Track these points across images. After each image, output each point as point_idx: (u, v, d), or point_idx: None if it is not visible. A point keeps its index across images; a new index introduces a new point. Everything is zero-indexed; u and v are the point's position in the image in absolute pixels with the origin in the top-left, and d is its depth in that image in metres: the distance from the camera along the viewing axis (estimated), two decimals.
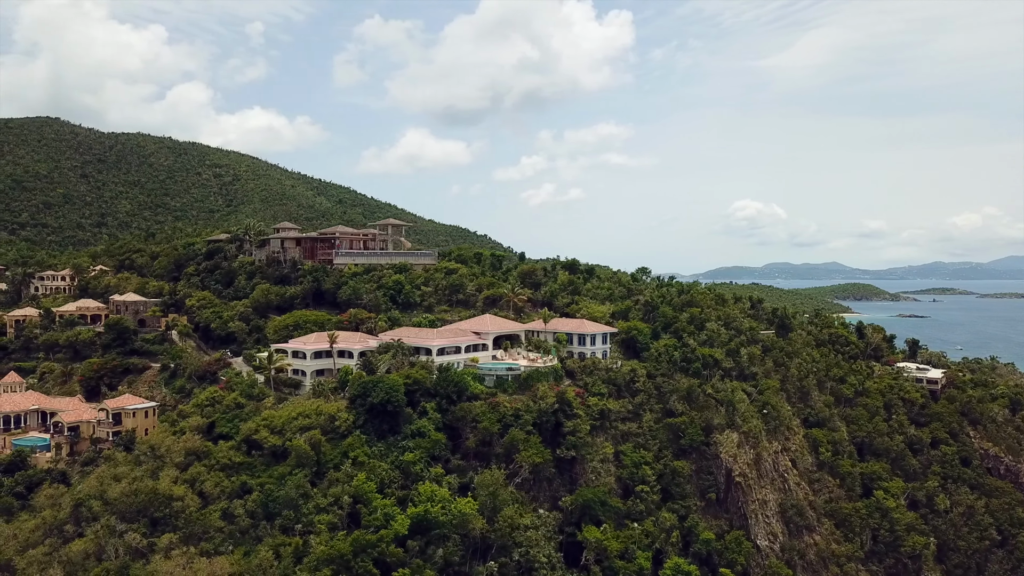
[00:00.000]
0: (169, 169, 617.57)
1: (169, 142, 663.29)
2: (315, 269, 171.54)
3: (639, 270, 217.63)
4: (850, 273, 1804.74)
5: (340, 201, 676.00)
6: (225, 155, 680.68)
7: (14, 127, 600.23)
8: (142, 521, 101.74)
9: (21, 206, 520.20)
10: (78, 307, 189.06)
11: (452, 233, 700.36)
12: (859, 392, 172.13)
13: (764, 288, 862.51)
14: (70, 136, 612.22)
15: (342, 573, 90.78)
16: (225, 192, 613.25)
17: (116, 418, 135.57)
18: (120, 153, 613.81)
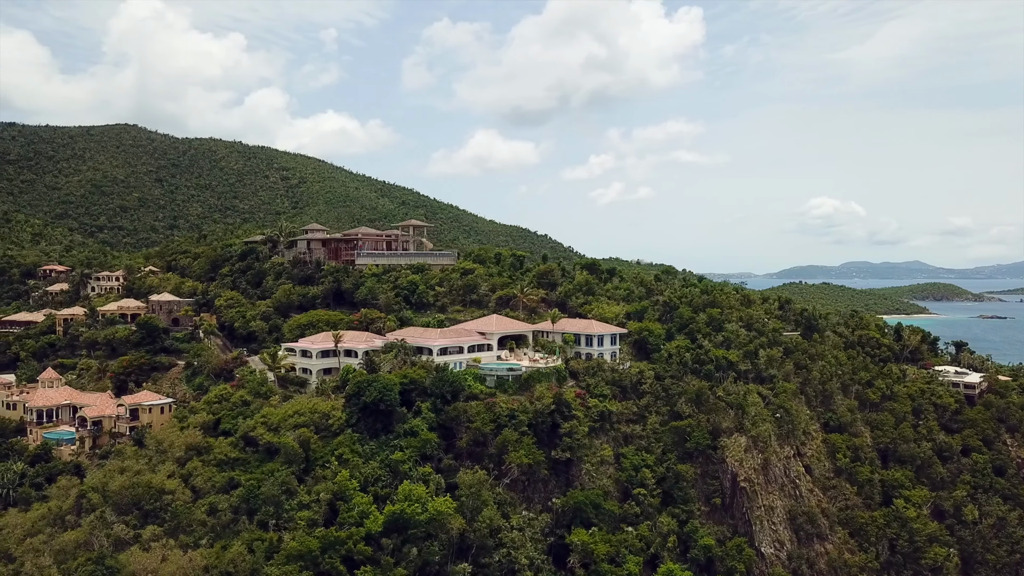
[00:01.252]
0: (239, 173, 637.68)
1: (239, 146, 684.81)
2: (336, 270, 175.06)
3: (663, 270, 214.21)
4: (933, 272, 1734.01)
5: (403, 203, 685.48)
6: (292, 158, 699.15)
7: (95, 134, 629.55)
8: (134, 513, 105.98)
9: (100, 210, 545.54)
10: (119, 307, 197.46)
11: (512, 233, 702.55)
12: (886, 396, 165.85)
13: (835, 288, 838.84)
14: (147, 142, 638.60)
15: (309, 569, 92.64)
16: (291, 194, 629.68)
17: (133, 413, 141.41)
18: (193, 158, 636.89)
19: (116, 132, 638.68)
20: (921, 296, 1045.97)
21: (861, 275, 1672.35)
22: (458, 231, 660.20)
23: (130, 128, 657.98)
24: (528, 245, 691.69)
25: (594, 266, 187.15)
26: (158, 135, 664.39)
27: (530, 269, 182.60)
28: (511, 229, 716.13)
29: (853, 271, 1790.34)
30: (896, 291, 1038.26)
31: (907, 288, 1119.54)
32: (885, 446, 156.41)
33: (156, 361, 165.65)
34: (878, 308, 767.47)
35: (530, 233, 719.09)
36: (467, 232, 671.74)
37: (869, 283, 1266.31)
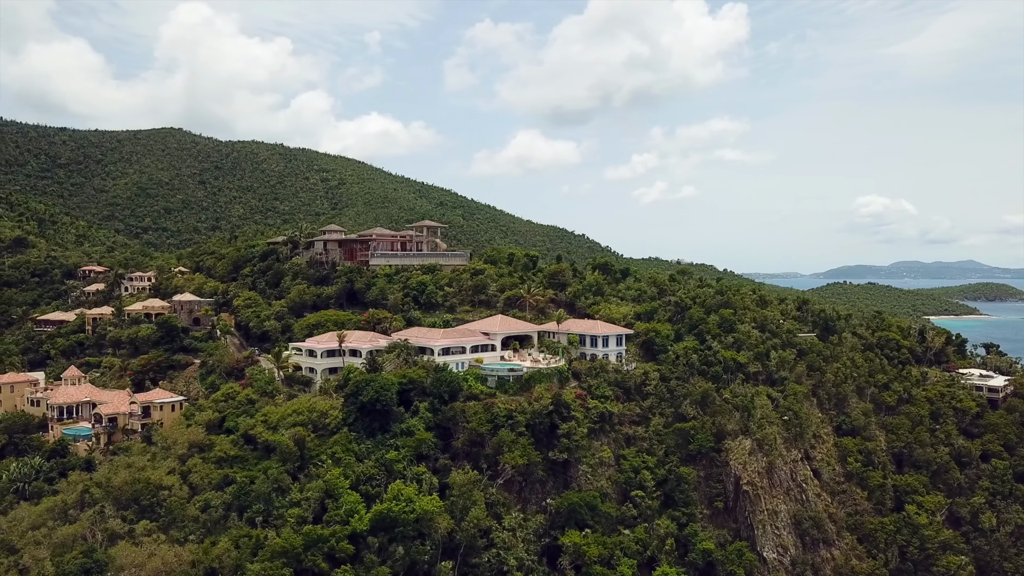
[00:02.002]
0: (280, 175, 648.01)
1: (281, 149, 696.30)
2: (350, 270, 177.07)
3: (679, 271, 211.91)
4: (988, 272, 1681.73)
5: (441, 203, 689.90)
6: (332, 160, 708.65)
7: (142, 138, 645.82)
8: (133, 508, 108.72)
9: (144, 211, 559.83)
10: (144, 306, 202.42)
11: (549, 234, 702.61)
12: (903, 400, 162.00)
13: (881, 288, 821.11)
14: (191, 145, 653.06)
15: (291, 566, 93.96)
16: (331, 196, 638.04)
17: (146, 411, 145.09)
18: (235, 160, 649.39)
19: (162, 136, 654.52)
20: (973, 296, 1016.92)
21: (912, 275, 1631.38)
22: (495, 231, 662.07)
23: (175, 132, 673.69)
24: (565, 245, 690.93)
25: (607, 266, 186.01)
26: (202, 138, 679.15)
27: (542, 269, 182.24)
28: (548, 229, 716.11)
29: (903, 271, 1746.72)
30: (947, 291, 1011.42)
31: (958, 288, 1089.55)
32: (900, 450, 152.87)
33: (173, 360, 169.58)
34: (925, 308, 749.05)
35: (567, 233, 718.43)
36: (504, 232, 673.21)
37: (919, 283, 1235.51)
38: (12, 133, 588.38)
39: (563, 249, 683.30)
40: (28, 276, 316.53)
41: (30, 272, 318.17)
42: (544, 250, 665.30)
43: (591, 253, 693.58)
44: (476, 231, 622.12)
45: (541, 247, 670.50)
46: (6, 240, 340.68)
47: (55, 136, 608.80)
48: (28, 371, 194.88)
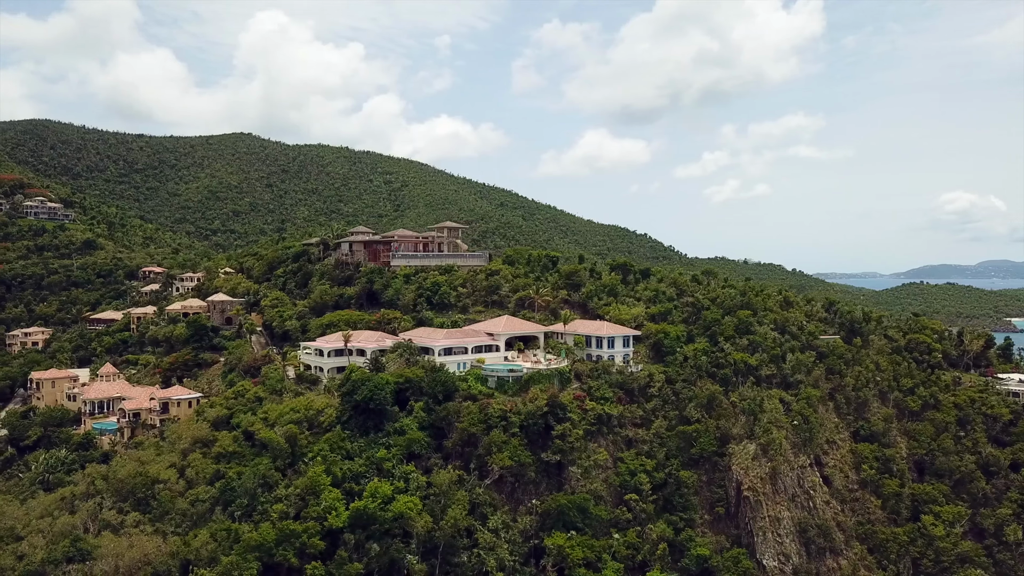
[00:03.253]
0: (344, 177, 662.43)
1: (346, 152, 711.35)
2: (371, 271, 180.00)
3: (703, 271, 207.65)
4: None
5: (501, 204, 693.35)
6: (396, 162, 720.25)
7: (213, 143, 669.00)
8: (130, 500, 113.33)
9: (214, 214, 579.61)
10: (183, 306, 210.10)
11: (610, 233, 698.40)
12: (928, 405, 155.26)
13: (961, 288, 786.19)
14: (259, 149, 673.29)
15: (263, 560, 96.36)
16: (393, 198, 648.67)
17: (164, 407, 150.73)
18: (301, 164, 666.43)
19: (232, 141, 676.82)
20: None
21: (1000, 275, 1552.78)
22: (554, 231, 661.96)
23: (244, 137, 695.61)
24: (627, 245, 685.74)
25: (626, 267, 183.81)
26: (270, 143, 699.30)
27: (560, 270, 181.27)
28: (609, 229, 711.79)
29: (991, 270, 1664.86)
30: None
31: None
32: (921, 458, 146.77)
33: (200, 358, 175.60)
34: (1009, 310, 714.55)
35: (629, 233, 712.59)
36: (564, 232, 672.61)
37: (1008, 283, 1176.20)
38: (93, 141, 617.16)
39: (624, 249, 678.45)
40: (94, 277, 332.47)
41: (96, 273, 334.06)
42: (604, 250, 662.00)
43: (653, 253, 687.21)
44: (535, 232, 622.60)
45: (601, 247, 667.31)
46: (77, 242, 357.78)
47: (133, 143, 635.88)
48: (77, 367, 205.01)
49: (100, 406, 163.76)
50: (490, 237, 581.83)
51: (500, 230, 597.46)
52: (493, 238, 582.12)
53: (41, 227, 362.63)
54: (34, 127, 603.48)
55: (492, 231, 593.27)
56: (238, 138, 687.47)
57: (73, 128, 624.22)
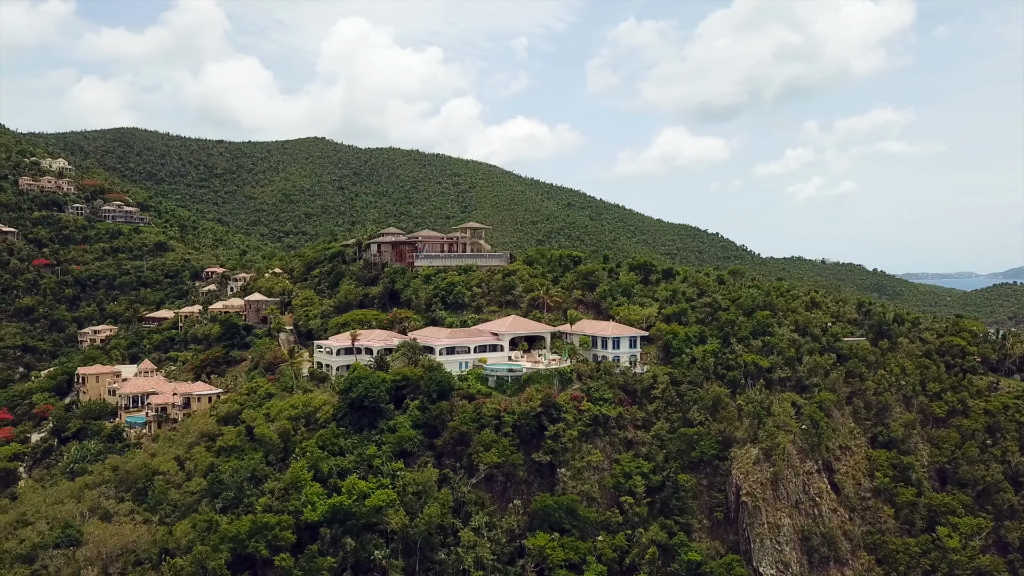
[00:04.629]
0: (414, 179, 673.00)
1: (416, 155, 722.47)
2: (394, 271, 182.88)
3: (729, 271, 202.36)
4: None
5: (568, 204, 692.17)
6: (464, 164, 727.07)
7: (288, 148, 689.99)
8: (132, 491, 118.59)
9: (287, 216, 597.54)
10: (224, 305, 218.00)
11: (680, 232, 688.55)
12: (955, 411, 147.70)
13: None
14: (332, 153, 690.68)
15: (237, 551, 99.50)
16: (461, 199, 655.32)
17: (186, 402, 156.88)
18: (372, 166, 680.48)
19: (306, 145, 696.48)
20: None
21: None
22: (621, 231, 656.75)
23: (318, 141, 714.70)
24: (697, 245, 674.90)
25: (646, 266, 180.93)
26: (343, 146, 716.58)
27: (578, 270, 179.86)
28: (679, 228, 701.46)
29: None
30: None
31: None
32: (943, 466, 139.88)
33: (231, 356, 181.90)
34: None
35: (700, 232, 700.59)
36: (632, 232, 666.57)
37: None
38: (176, 147, 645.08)
39: (694, 249, 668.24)
40: (162, 277, 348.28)
41: (164, 273, 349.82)
42: (673, 250, 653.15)
43: (724, 253, 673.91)
44: (601, 232, 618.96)
45: (671, 247, 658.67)
46: (149, 244, 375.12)
47: (213, 148, 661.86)
48: (128, 363, 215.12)
49: (135, 400, 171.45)
50: (555, 237, 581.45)
51: (565, 230, 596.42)
52: (558, 238, 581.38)
53: (117, 230, 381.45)
54: (122, 135, 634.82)
55: (557, 231, 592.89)
56: (312, 142, 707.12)
57: (157, 135, 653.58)
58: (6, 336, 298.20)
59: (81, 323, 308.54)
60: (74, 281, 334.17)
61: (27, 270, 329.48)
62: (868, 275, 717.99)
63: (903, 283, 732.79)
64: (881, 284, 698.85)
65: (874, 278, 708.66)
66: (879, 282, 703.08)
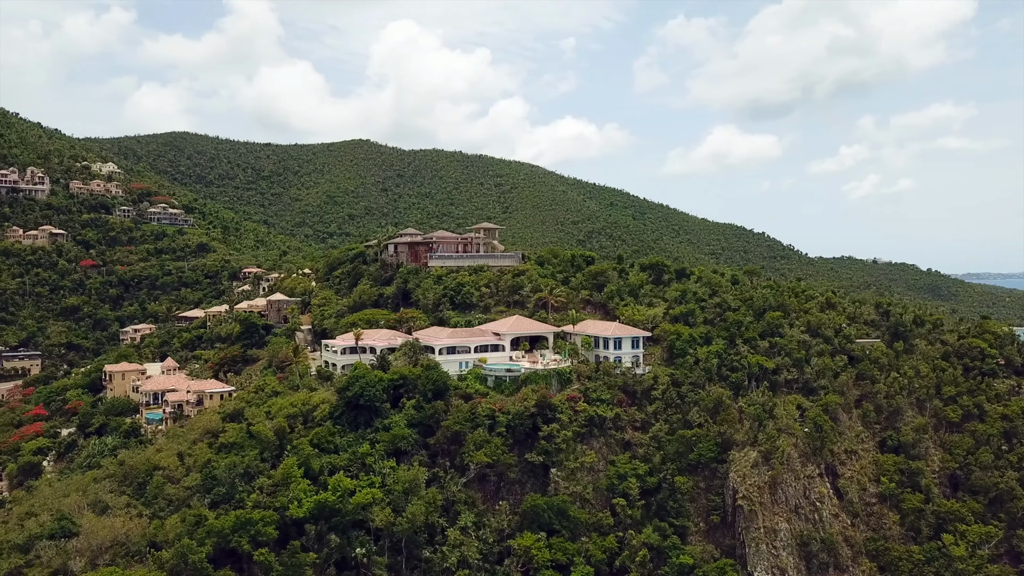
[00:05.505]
0: (456, 181, 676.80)
1: (459, 156, 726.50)
2: (408, 271, 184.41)
3: (744, 271, 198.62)
4: None
5: (611, 204, 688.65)
6: (507, 165, 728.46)
7: (334, 150, 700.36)
8: (133, 485, 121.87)
9: (331, 218, 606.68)
10: (249, 305, 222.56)
11: (725, 232, 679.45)
12: (970, 415, 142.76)
13: None
14: (376, 155, 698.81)
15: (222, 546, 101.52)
16: (503, 200, 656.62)
17: (199, 399, 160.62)
18: (416, 168, 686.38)
19: (351, 147, 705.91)
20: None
21: None
22: (665, 230, 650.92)
23: (363, 143, 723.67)
24: (742, 245, 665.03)
25: (658, 266, 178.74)
26: (387, 148, 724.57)
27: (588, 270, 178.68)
28: (724, 228, 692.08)
29: None
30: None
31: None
32: (954, 472, 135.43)
33: (248, 354, 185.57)
34: None
35: (745, 232, 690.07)
36: (675, 232, 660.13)
37: None
38: (225, 150, 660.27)
39: (739, 248, 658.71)
40: (202, 277, 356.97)
41: (204, 274, 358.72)
42: (718, 249, 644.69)
43: (770, 252, 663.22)
44: (643, 231, 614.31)
45: (715, 247, 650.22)
46: (192, 245, 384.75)
47: (260, 151, 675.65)
48: (159, 361, 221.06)
49: (155, 397, 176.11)
50: (595, 237, 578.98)
51: (607, 230, 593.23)
52: (599, 238, 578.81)
53: (162, 231, 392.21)
54: (173, 139, 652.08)
55: (598, 231, 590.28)
56: (356, 144, 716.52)
57: (207, 139, 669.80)
58: (52, 334, 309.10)
59: (123, 322, 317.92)
60: (118, 281, 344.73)
61: (74, 271, 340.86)
62: (922, 275, 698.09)
63: (959, 284, 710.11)
64: (935, 285, 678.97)
65: (928, 278, 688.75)
66: (933, 282, 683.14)
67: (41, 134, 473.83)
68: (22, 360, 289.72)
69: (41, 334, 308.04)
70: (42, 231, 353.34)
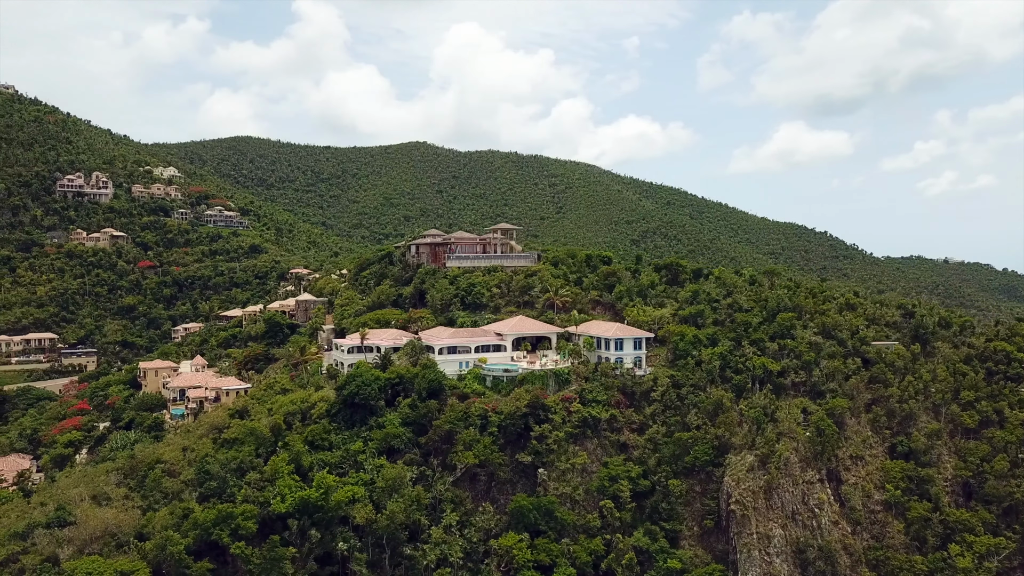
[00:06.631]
0: (511, 182, 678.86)
1: (514, 157, 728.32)
2: (425, 271, 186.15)
3: (764, 271, 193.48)
4: None
5: (668, 203, 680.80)
6: (562, 165, 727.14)
7: (391, 153, 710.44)
8: (135, 478, 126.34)
9: (387, 219, 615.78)
10: (281, 305, 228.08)
11: (785, 231, 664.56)
12: (988, 421, 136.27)
13: None
14: (432, 157, 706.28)
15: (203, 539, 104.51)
16: (556, 200, 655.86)
17: (217, 396, 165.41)
18: (471, 169, 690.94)
19: (408, 149, 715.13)
20: None
21: None
22: (722, 230, 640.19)
23: (419, 145, 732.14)
24: (803, 244, 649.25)
25: (673, 266, 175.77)
26: (442, 150, 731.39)
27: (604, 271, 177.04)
28: (785, 227, 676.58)
29: None
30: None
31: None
32: (967, 480, 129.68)
33: (270, 353, 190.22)
34: None
35: (807, 231, 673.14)
36: (733, 231, 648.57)
37: None
38: (286, 154, 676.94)
39: (800, 248, 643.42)
40: (252, 278, 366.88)
41: (255, 274, 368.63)
42: (777, 249, 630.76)
43: (832, 252, 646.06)
44: (699, 231, 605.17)
45: (774, 246, 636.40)
46: (245, 247, 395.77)
47: (320, 154, 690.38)
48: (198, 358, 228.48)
49: (181, 394, 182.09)
50: (650, 237, 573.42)
51: (661, 230, 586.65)
52: (653, 238, 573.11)
53: (217, 233, 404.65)
54: (237, 143, 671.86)
55: (653, 231, 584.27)
56: (413, 147, 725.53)
57: (269, 143, 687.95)
58: (108, 332, 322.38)
59: (175, 321, 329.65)
60: (172, 281, 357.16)
61: (132, 271, 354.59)
62: (997, 275, 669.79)
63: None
64: (1011, 285, 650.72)
65: (1003, 278, 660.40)
66: (1009, 283, 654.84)
67: (108, 140, 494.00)
68: (79, 357, 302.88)
69: (98, 332, 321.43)
70: (104, 233, 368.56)
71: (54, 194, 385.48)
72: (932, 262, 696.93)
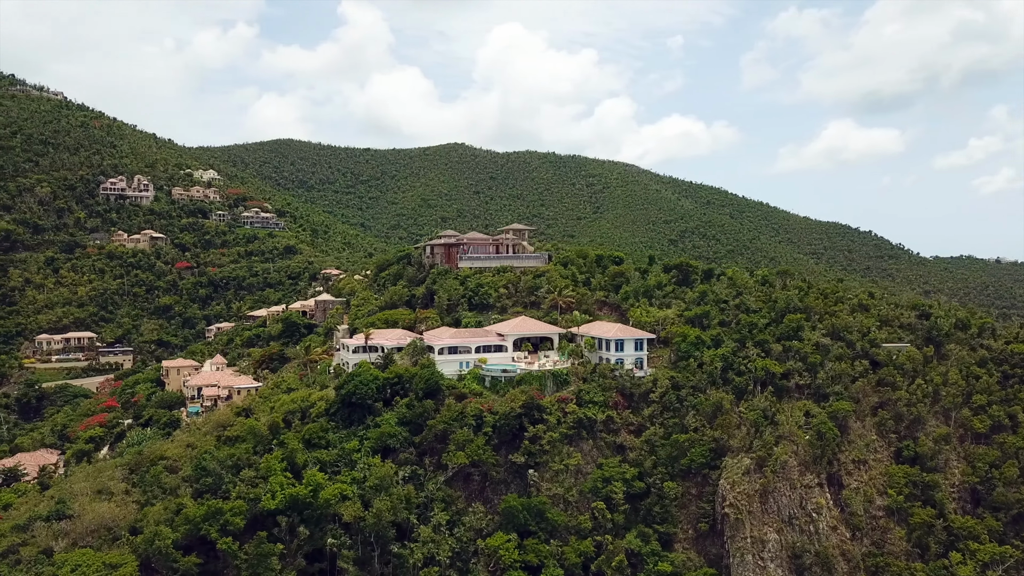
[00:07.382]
0: (548, 182, 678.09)
1: (552, 157, 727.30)
2: (437, 272, 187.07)
3: (777, 272, 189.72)
4: None
5: (708, 202, 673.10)
6: (600, 165, 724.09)
7: (430, 154, 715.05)
8: (139, 473, 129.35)
9: (425, 220, 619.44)
10: (302, 305, 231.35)
11: (828, 231, 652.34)
12: (1000, 426, 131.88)
13: None
14: (470, 158, 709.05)
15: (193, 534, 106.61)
16: (593, 200, 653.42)
17: (230, 395, 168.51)
18: (508, 170, 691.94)
19: (446, 151, 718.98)
20: None
21: None
22: (763, 229, 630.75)
23: (457, 146, 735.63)
24: (846, 244, 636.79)
25: (684, 266, 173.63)
26: (481, 151, 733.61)
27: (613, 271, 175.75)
28: (827, 226, 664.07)
29: None
30: None
31: None
32: (974, 486, 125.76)
33: (285, 353, 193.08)
34: None
35: (851, 230, 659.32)
36: (774, 231, 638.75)
37: None
38: (326, 156, 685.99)
39: (843, 248, 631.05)
40: (286, 278, 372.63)
41: (288, 275, 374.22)
42: (820, 249, 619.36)
43: (877, 252, 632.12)
44: (739, 231, 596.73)
45: (816, 246, 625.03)
46: (280, 248, 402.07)
47: (360, 156, 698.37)
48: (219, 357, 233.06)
49: (198, 392, 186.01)
50: (688, 237, 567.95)
51: (700, 229, 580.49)
52: (692, 238, 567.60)
53: (254, 235, 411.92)
54: (279, 146, 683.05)
55: (691, 230, 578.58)
56: (452, 148, 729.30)
57: (310, 145, 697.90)
58: (145, 331, 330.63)
59: (209, 320, 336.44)
60: (208, 282, 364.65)
61: (170, 272, 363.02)
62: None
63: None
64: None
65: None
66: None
67: (152, 144, 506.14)
68: (116, 355, 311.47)
69: (135, 331, 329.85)
70: (144, 235, 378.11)
71: (97, 197, 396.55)
72: (983, 262, 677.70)
